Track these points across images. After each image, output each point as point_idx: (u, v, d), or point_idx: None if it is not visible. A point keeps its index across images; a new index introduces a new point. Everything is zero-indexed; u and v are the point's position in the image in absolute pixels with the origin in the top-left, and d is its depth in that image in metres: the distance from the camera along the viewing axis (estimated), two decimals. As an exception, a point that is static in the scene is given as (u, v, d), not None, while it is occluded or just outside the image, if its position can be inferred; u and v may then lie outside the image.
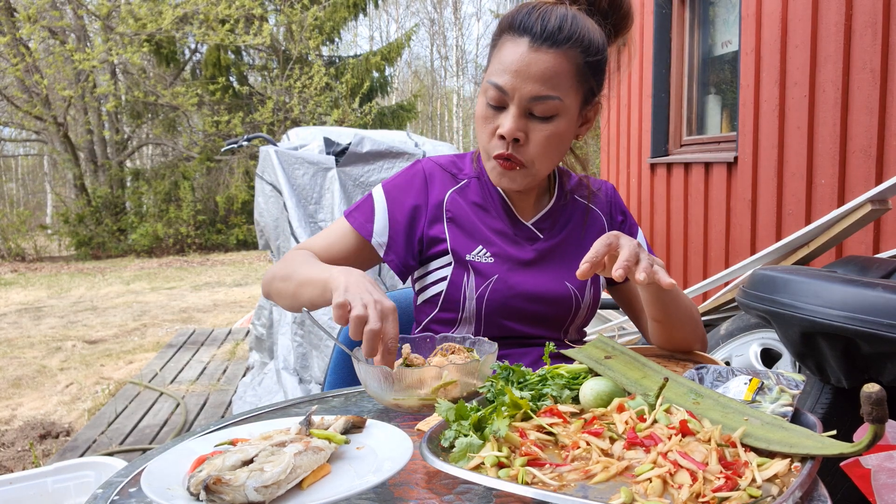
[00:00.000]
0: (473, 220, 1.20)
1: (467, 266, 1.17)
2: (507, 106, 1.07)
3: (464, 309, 1.17)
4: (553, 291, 1.18)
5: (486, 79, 1.09)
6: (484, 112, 1.10)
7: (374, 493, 0.70)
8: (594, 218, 1.27)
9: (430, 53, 26.70)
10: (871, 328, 1.28)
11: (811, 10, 3.09)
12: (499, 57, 1.07)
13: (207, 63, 13.19)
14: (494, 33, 1.11)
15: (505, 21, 1.09)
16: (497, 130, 1.09)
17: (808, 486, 0.63)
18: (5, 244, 11.96)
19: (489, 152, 1.12)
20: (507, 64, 1.06)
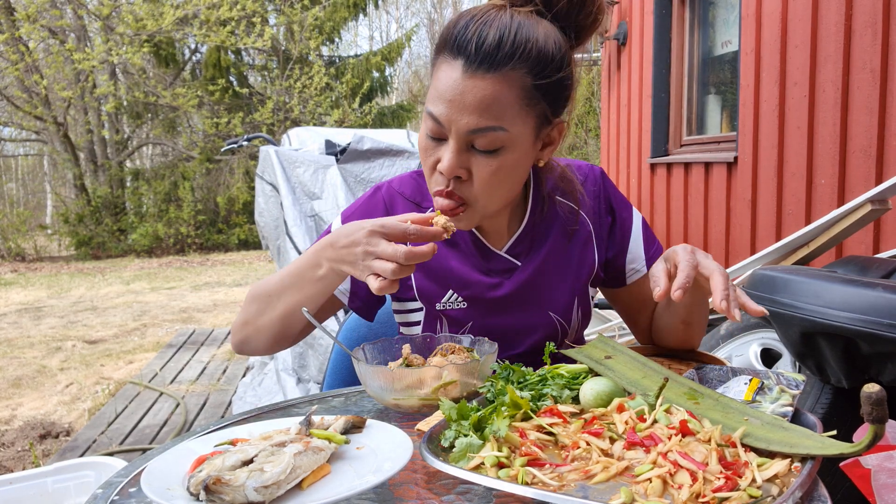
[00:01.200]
0: (441, 261, 1.08)
1: (439, 315, 1.10)
2: (446, 138, 0.93)
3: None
4: (535, 325, 1.09)
5: (426, 104, 0.95)
6: (424, 143, 0.96)
7: (374, 493, 0.70)
8: (580, 223, 1.12)
9: (430, 53, 26.68)
10: (871, 328, 1.28)
11: (811, 10, 3.09)
12: (435, 82, 0.93)
13: (208, 64, 13.20)
14: (434, 49, 0.96)
15: (441, 38, 0.94)
16: (437, 165, 0.95)
17: (808, 486, 0.63)
18: (5, 244, 11.96)
19: (431, 188, 0.99)
20: (442, 91, 0.91)
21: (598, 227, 1.14)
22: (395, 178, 1.15)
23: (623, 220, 1.15)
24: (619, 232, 1.15)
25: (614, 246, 1.15)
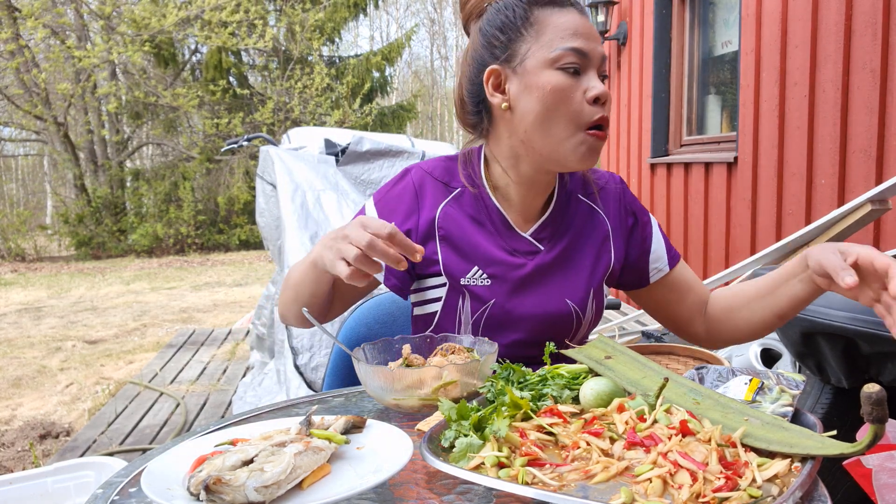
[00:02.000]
0: (468, 237, 1.11)
1: (463, 291, 1.11)
2: (586, 70, 1.01)
3: (458, 332, 1.12)
4: (553, 311, 1.11)
5: (544, 50, 1.00)
6: (565, 82, 1.00)
7: (374, 493, 0.70)
8: (598, 222, 1.17)
9: (430, 53, 26.71)
10: (871, 328, 1.28)
11: (811, 10, 3.09)
12: (552, 27, 1.01)
13: (208, 64, 13.20)
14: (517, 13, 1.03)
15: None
16: (588, 94, 1.00)
17: (808, 486, 0.63)
18: (5, 244, 11.96)
19: (583, 121, 1.01)
20: (574, 28, 1.01)
21: (618, 229, 1.18)
22: (425, 161, 1.17)
23: (643, 223, 1.20)
24: (640, 234, 1.19)
25: (636, 247, 1.19)
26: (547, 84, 1.00)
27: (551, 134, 1.02)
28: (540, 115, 1.02)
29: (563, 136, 1.02)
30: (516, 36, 1.03)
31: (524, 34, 1.02)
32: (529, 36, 1.02)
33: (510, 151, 1.09)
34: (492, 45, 1.05)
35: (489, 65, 1.05)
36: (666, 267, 1.19)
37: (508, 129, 1.07)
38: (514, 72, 1.03)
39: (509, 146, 1.09)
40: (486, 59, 1.06)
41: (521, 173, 1.10)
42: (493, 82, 1.06)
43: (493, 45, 1.05)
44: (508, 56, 1.04)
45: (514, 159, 1.10)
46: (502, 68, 1.04)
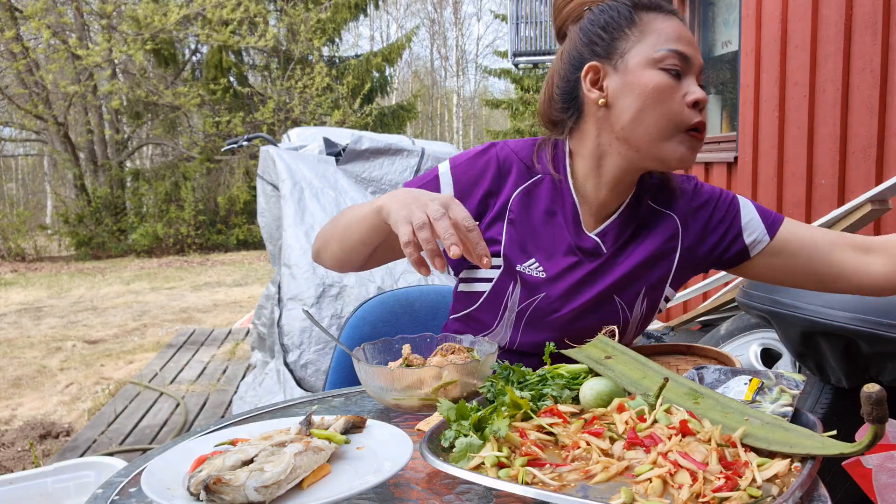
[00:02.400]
0: (536, 228, 1.10)
1: (516, 276, 1.09)
2: (685, 75, 1.03)
3: (502, 317, 1.11)
4: (599, 310, 1.10)
5: (648, 50, 1.02)
6: (666, 83, 1.01)
7: (374, 493, 0.70)
8: (665, 222, 1.14)
9: (430, 53, 26.72)
10: (871, 328, 1.28)
11: (811, 10, 3.09)
12: (660, 31, 1.03)
13: (209, 64, 13.20)
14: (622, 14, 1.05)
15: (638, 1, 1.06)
16: (687, 97, 1.02)
17: (808, 486, 0.63)
18: (5, 244, 11.96)
19: (682, 123, 1.02)
20: (678, 35, 1.03)
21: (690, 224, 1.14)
22: (511, 140, 1.16)
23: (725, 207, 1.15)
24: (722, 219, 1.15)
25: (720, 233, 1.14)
26: (649, 82, 1.01)
27: (650, 132, 1.03)
28: (639, 113, 1.02)
29: (662, 136, 1.03)
30: (620, 35, 1.04)
31: (628, 34, 1.04)
32: (633, 36, 1.03)
33: (596, 149, 1.08)
34: (593, 43, 1.06)
35: (588, 61, 1.06)
36: (765, 237, 1.13)
37: (599, 125, 1.07)
38: (614, 69, 1.04)
39: (596, 143, 1.08)
40: (586, 56, 1.06)
41: (605, 172, 1.09)
42: (591, 78, 1.06)
43: (594, 42, 1.06)
44: (609, 53, 1.04)
45: (599, 157, 1.09)
46: (602, 65, 1.05)
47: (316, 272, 2.93)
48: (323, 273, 2.93)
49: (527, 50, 10.87)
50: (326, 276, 2.93)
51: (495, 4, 30.22)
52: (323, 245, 1.11)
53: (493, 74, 18.70)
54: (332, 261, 1.11)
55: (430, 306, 1.47)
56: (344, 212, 1.07)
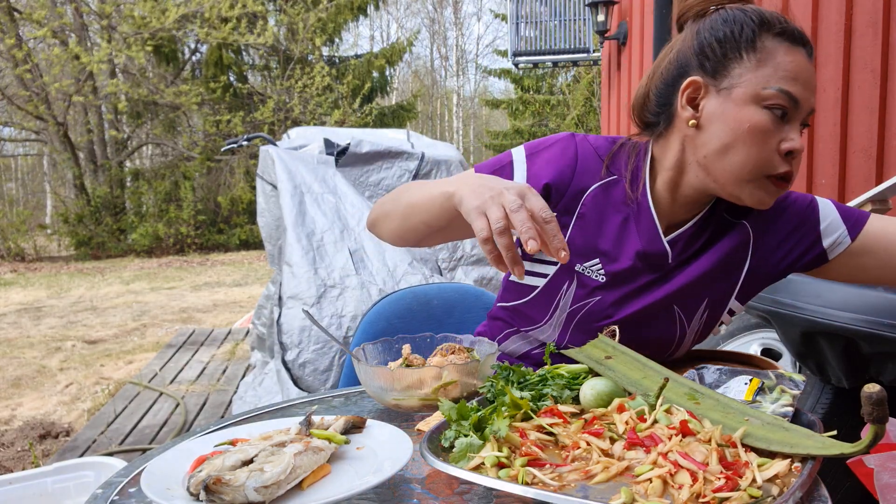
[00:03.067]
0: (605, 228, 1.05)
1: (573, 276, 1.05)
2: (791, 119, 0.95)
3: (552, 316, 1.07)
4: (655, 319, 1.06)
5: (758, 84, 0.94)
6: (766, 125, 0.93)
7: (374, 493, 0.70)
8: (737, 232, 1.07)
9: (430, 53, 26.72)
10: (871, 328, 1.28)
11: (811, 10, 3.09)
12: (775, 62, 0.94)
13: (209, 62, 13.20)
14: (745, 32, 0.96)
15: (769, 21, 0.96)
16: (783, 145, 0.94)
17: (808, 486, 0.63)
18: (5, 244, 11.96)
19: (768, 170, 0.95)
20: (796, 73, 0.94)
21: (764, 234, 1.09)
22: (590, 135, 1.11)
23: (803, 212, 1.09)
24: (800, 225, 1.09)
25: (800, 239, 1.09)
26: (748, 119, 0.94)
27: (732, 170, 0.96)
28: (726, 148, 0.95)
29: (742, 178, 0.96)
30: (734, 56, 0.96)
31: (743, 57, 0.95)
32: (748, 61, 0.95)
33: (678, 164, 1.02)
34: (703, 54, 0.98)
35: (692, 73, 0.98)
36: (846, 238, 1.07)
37: (685, 143, 1.01)
38: (717, 91, 0.96)
39: (679, 159, 1.02)
40: (692, 66, 0.99)
41: (682, 189, 1.04)
42: (689, 94, 0.98)
43: (705, 53, 0.98)
44: (717, 72, 0.97)
45: (679, 172, 1.03)
46: (705, 82, 0.97)
47: (317, 273, 2.93)
48: (324, 274, 2.93)
49: (527, 50, 10.86)
50: (328, 277, 2.93)
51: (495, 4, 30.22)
52: (381, 217, 1.07)
53: (492, 74, 18.70)
54: (390, 234, 1.07)
55: (447, 303, 1.47)
56: (409, 187, 1.02)
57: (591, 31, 9.76)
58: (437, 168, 3.47)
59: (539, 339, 1.12)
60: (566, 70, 15.70)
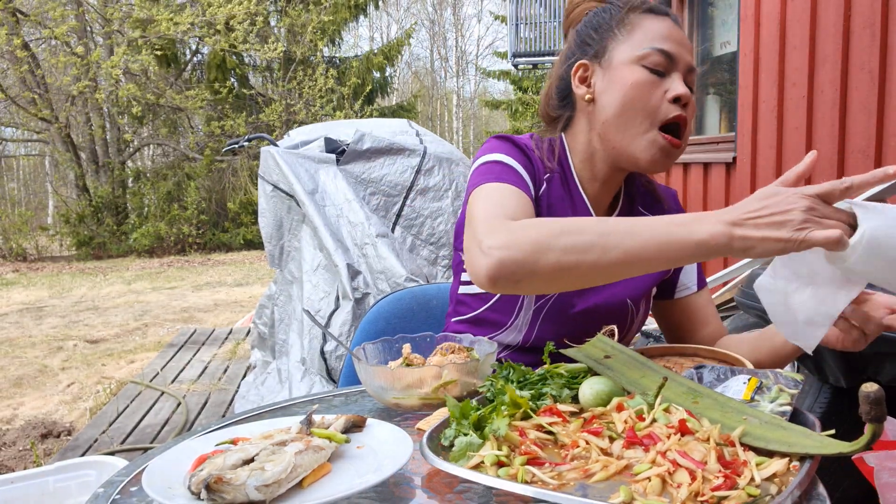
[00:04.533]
0: (555, 216, 1.09)
1: None
2: (670, 73, 1.04)
3: (517, 316, 1.10)
4: (614, 308, 1.12)
5: (632, 49, 1.04)
6: (646, 78, 1.02)
7: (374, 492, 0.70)
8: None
9: (430, 54, 26.72)
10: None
11: (810, 11, 3.09)
12: (648, 29, 1.05)
13: (211, 64, 13.20)
14: (614, 15, 1.08)
15: (633, 3, 1.09)
16: (669, 94, 1.02)
17: (806, 485, 0.64)
18: (7, 244, 11.96)
19: (658, 117, 1.02)
20: (665, 34, 1.04)
21: None
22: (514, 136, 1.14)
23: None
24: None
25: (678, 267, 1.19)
26: (629, 79, 1.03)
27: (626, 129, 1.04)
28: (618, 109, 1.04)
29: (637, 133, 1.03)
30: (609, 35, 1.07)
31: (616, 33, 1.07)
32: (621, 35, 1.07)
33: (587, 146, 1.12)
34: (584, 44, 1.10)
35: (579, 60, 1.10)
36: (694, 286, 1.21)
37: (589, 122, 1.10)
38: (600, 66, 1.07)
39: (587, 140, 1.11)
40: (577, 55, 1.11)
41: (596, 169, 1.12)
42: (580, 75, 1.09)
43: (586, 42, 1.10)
44: (598, 52, 1.08)
45: (590, 154, 1.12)
46: (590, 63, 1.09)
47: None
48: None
49: (526, 51, 10.87)
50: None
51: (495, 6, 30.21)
52: (538, 256, 0.82)
53: (492, 76, 18.72)
54: (550, 278, 0.84)
55: (446, 304, 1.47)
56: (585, 226, 0.83)
57: (592, 32, 9.74)
58: (439, 164, 3.45)
59: (504, 342, 1.13)
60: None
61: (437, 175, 3.43)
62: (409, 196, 3.36)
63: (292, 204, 3.23)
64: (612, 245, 0.81)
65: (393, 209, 3.36)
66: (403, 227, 3.37)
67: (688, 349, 1.14)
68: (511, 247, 0.83)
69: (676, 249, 0.79)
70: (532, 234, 0.84)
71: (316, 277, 3.05)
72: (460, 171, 3.54)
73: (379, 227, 3.16)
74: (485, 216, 0.92)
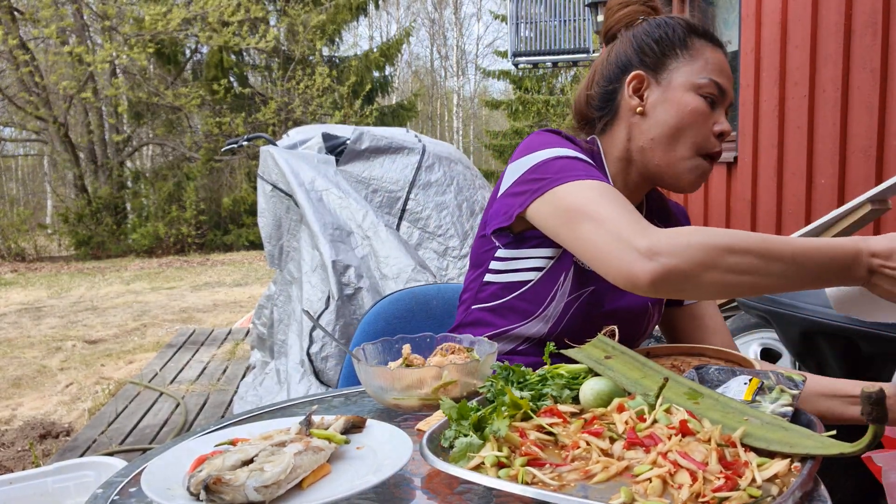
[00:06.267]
0: None
1: (571, 266, 1.08)
2: (718, 106, 1.09)
3: (548, 306, 1.09)
4: (636, 311, 1.15)
5: (693, 75, 1.08)
6: (703, 108, 1.07)
7: (374, 493, 0.70)
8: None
9: (430, 53, 26.72)
10: (870, 328, 1.28)
11: (811, 10, 3.09)
12: (705, 58, 1.09)
13: (209, 64, 13.20)
14: (678, 34, 1.10)
15: (695, 26, 1.12)
16: (715, 127, 1.08)
17: (808, 486, 0.63)
18: (5, 244, 11.96)
19: (705, 149, 1.08)
20: (721, 66, 1.09)
21: None
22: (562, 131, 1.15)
23: None
24: None
25: None
26: (689, 104, 1.07)
27: (674, 150, 1.08)
28: (670, 130, 1.07)
29: (682, 157, 1.08)
30: (671, 53, 1.10)
31: (679, 54, 1.09)
32: (683, 57, 1.09)
33: (624, 154, 1.13)
34: (643, 53, 1.11)
35: (635, 69, 1.11)
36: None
37: (630, 132, 1.12)
38: (657, 82, 1.09)
39: (625, 149, 1.13)
40: (634, 63, 1.11)
41: (629, 178, 1.14)
42: (634, 85, 1.10)
43: (644, 52, 1.11)
44: (656, 67, 1.10)
45: (626, 162, 1.13)
46: (647, 75, 1.10)
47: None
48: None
49: (526, 50, 10.86)
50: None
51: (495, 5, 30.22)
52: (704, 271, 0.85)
53: (492, 76, 18.72)
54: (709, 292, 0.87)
55: (446, 304, 1.47)
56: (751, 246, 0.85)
57: (591, 32, 9.76)
58: (438, 163, 3.45)
59: (525, 335, 1.13)
60: (566, 70, 15.71)
61: (437, 171, 3.43)
62: (411, 191, 3.35)
63: (291, 204, 3.23)
64: (773, 272, 0.85)
65: (397, 205, 3.35)
66: (410, 221, 3.35)
67: (694, 349, 1.14)
68: (679, 256, 0.84)
69: (824, 283, 0.87)
70: (699, 247, 0.85)
71: (315, 278, 3.04)
72: (459, 169, 3.53)
73: (382, 219, 3.15)
74: (618, 215, 0.91)
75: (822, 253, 0.84)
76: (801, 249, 0.85)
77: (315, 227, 3.00)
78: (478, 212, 3.47)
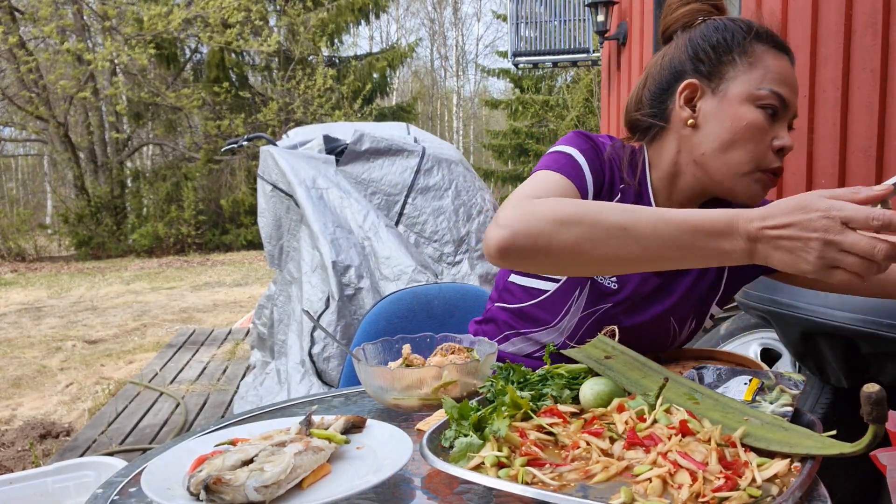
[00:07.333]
0: None
1: (587, 284, 1.06)
2: (779, 119, 0.99)
3: (562, 319, 1.08)
4: (658, 328, 1.10)
5: (751, 85, 0.98)
6: (760, 122, 0.98)
7: (374, 493, 0.70)
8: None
9: (430, 53, 26.71)
10: (871, 328, 1.28)
11: (811, 10, 3.09)
12: (766, 66, 0.99)
13: (210, 64, 13.21)
14: (737, 39, 1.00)
15: (760, 30, 1.02)
16: (775, 142, 0.99)
17: (808, 485, 0.63)
18: (5, 244, 11.96)
19: (763, 165, 0.99)
20: (784, 77, 0.99)
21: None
22: (602, 136, 1.09)
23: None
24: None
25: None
26: (744, 117, 0.98)
27: (727, 164, 1.00)
28: (724, 145, 0.99)
29: (738, 171, 1.00)
30: (728, 59, 1.00)
31: (736, 61, 1.00)
32: (741, 65, 1.00)
33: (672, 166, 1.06)
34: (698, 59, 1.02)
35: (688, 77, 1.02)
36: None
37: (680, 144, 1.04)
38: (712, 92, 1.01)
39: (674, 161, 1.06)
40: (687, 70, 1.03)
41: (677, 190, 1.07)
42: (686, 95, 1.02)
43: (699, 58, 1.02)
44: (712, 75, 1.01)
45: (674, 174, 1.06)
46: (701, 84, 1.01)
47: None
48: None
49: (527, 50, 10.86)
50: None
51: (495, 4, 30.21)
52: (554, 234, 0.81)
53: (492, 75, 18.70)
54: (562, 259, 0.82)
55: (447, 304, 1.47)
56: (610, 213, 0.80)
57: (591, 32, 9.76)
58: (438, 165, 3.45)
59: (542, 341, 1.13)
60: (566, 70, 15.70)
61: (436, 175, 3.43)
62: (409, 195, 3.36)
63: (291, 204, 3.23)
64: (633, 239, 0.79)
65: (395, 208, 3.36)
66: (406, 225, 3.36)
67: (703, 352, 1.14)
68: (528, 221, 0.81)
69: (698, 258, 0.79)
70: (552, 210, 0.81)
71: (315, 278, 3.04)
72: (459, 171, 3.54)
73: (383, 219, 3.16)
74: (516, 195, 0.90)
75: (687, 221, 0.78)
76: (665, 219, 0.79)
77: (315, 226, 3.00)
78: (475, 216, 3.47)
